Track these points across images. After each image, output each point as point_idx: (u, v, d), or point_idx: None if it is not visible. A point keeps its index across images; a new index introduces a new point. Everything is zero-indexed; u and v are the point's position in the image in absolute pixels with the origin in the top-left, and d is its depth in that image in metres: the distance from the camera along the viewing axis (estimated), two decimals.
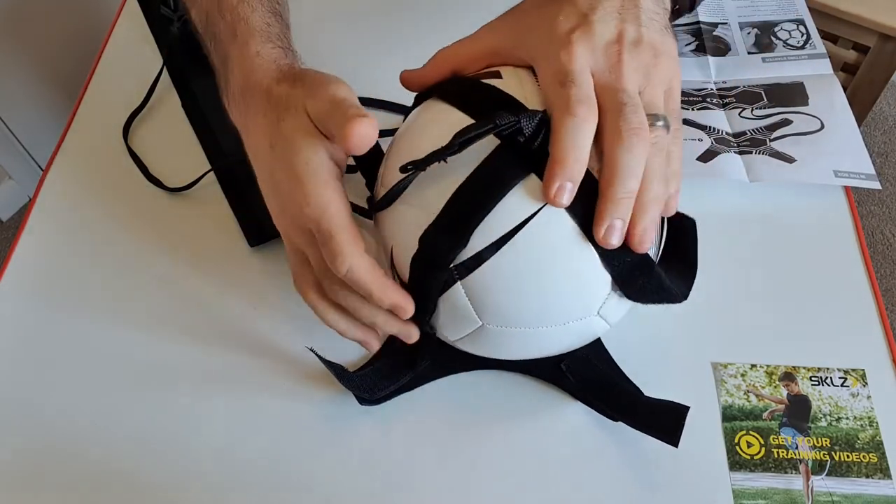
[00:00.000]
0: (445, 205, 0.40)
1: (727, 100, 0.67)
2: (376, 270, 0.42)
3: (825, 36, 1.48)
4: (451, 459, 0.50)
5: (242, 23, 0.49)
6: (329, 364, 0.49)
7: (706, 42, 0.72)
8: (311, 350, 0.49)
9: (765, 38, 0.72)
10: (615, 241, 0.38)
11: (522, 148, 0.39)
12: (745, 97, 0.67)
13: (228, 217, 0.61)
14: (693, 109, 0.66)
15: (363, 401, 0.51)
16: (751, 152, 0.62)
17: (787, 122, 0.64)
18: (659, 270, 0.41)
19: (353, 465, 0.50)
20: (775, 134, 0.63)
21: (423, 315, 0.43)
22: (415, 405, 0.52)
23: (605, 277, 0.41)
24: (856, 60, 1.48)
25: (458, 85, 0.45)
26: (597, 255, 0.40)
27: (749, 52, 0.71)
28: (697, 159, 0.61)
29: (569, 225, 0.39)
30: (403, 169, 0.40)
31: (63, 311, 0.57)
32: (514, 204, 0.39)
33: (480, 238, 0.39)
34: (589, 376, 0.51)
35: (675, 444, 0.45)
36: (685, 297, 0.43)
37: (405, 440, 0.51)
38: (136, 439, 0.51)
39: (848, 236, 0.59)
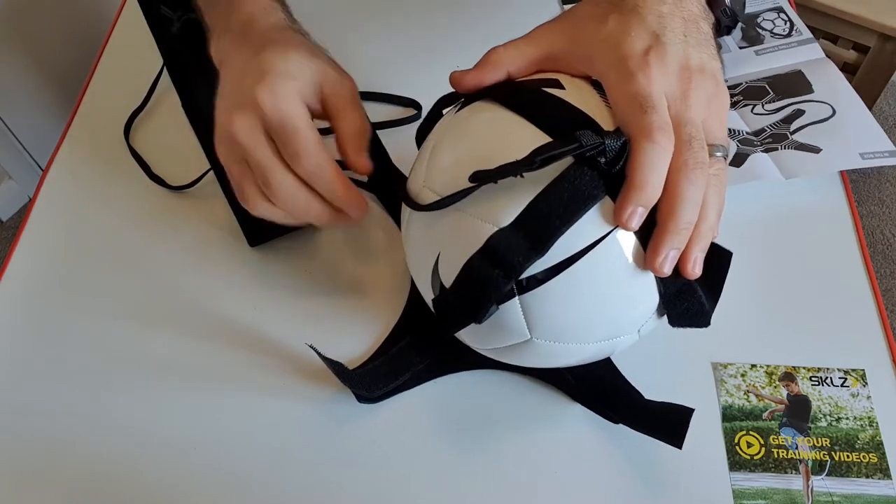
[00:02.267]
0: (521, 214, 0.39)
1: (734, 98, 0.67)
2: (335, 167, 0.45)
3: (825, 36, 1.48)
4: (449, 459, 0.50)
5: None
6: (329, 361, 0.49)
7: None
8: (312, 347, 0.49)
9: (750, 30, 0.72)
10: (667, 270, 0.39)
11: (601, 169, 0.38)
12: (751, 93, 0.67)
13: (228, 217, 0.61)
14: None
15: (362, 398, 0.51)
16: (776, 148, 0.62)
17: (800, 113, 0.64)
18: (702, 296, 0.41)
19: (350, 463, 0.50)
20: (793, 126, 0.63)
21: (466, 321, 0.42)
22: (414, 404, 0.52)
23: (654, 298, 0.42)
24: (856, 60, 1.48)
25: (520, 92, 0.43)
26: (654, 280, 0.41)
27: (740, 47, 0.71)
28: (729, 164, 0.61)
29: (634, 249, 0.40)
30: (474, 178, 0.39)
31: (63, 310, 0.57)
32: (586, 225, 0.39)
33: (551, 257, 0.39)
34: (589, 378, 0.51)
35: (679, 446, 0.45)
36: (709, 324, 0.43)
37: (403, 439, 0.51)
38: (136, 438, 0.51)
39: (848, 236, 0.59)
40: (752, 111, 0.66)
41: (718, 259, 0.45)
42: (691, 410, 0.46)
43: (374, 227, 0.61)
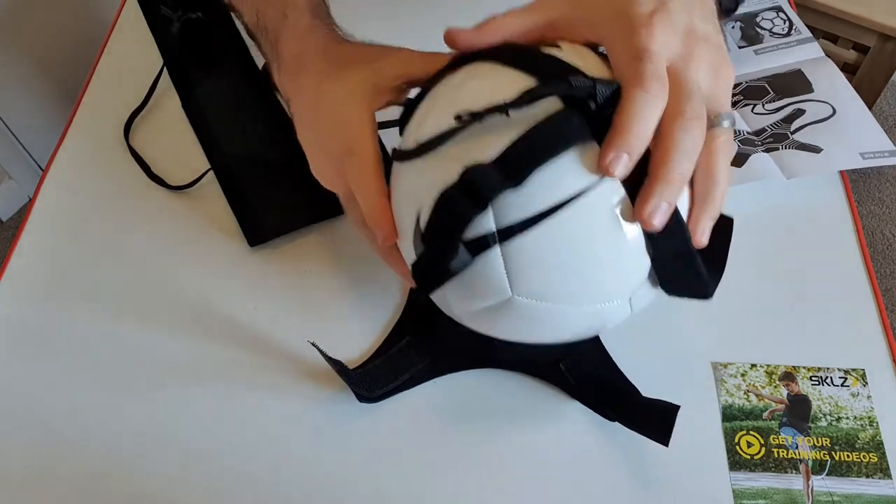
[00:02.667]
0: (502, 152, 0.37)
1: (735, 97, 0.67)
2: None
3: (825, 36, 1.48)
4: (449, 459, 0.50)
5: (292, 6, 0.52)
6: (330, 360, 0.49)
7: None
8: (314, 345, 0.49)
9: (750, 29, 0.72)
10: (657, 223, 0.37)
11: (591, 114, 0.37)
12: (751, 93, 0.67)
13: (228, 217, 0.61)
14: None
15: (362, 398, 0.51)
16: (777, 148, 0.62)
17: (801, 112, 0.64)
18: (700, 263, 0.40)
19: (349, 463, 0.50)
20: (794, 125, 0.63)
21: (441, 263, 0.39)
22: (414, 404, 0.52)
23: (646, 262, 0.40)
24: (856, 60, 1.48)
25: (516, 50, 0.42)
26: (643, 239, 0.39)
27: (740, 47, 0.71)
28: (731, 164, 0.61)
29: (624, 203, 0.38)
30: (459, 117, 0.38)
31: (63, 310, 0.57)
32: (574, 172, 0.37)
33: (534, 202, 0.38)
34: (588, 376, 0.51)
35: (666, 444, 0.45)
36: (711, 295, 0.41)
37: (403, 438, 0.51)
38: (136, 438, 0.51)
39: (848, 236, 0.59)
40: (752, 111, 0.66)
41: (719, 225, 0.43)
42: (677, 407, 0.46)
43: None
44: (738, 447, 0.49)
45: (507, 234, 0.38)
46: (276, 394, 0.53)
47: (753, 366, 0.53)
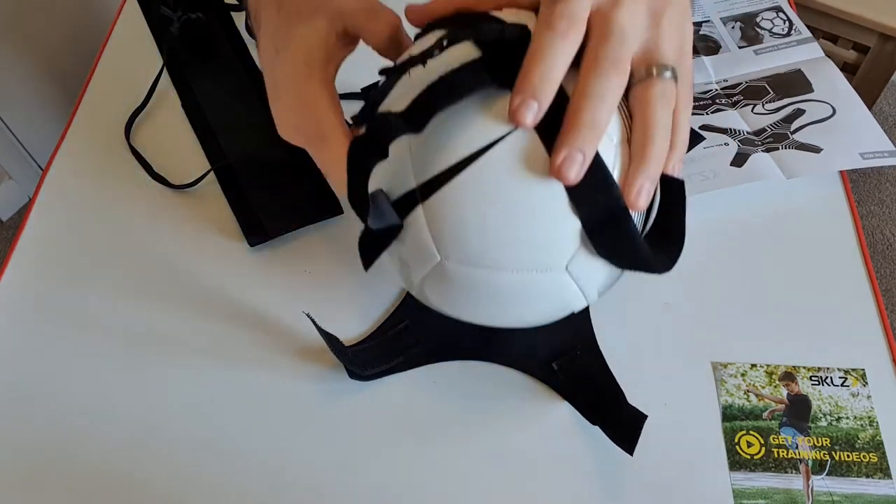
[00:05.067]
0: (409, 103, 0.37)
1: (735, 98, 0.67)
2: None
3: (825, 36, 1.48)
4: (436, 443, 0.50)
5: None
6: (325, 334, 0.49)
7: (696, 43, 0.72)
8: (308, 316, 0.49)
9: (749, 30, 0.72)
10: (572, 176, 0.35)
11: (502, 60, 0.36)
12: (751, 93, 0.67)
13: (228, 217, 0.61)
14: (707, 114, 0.66)
15: (353, 374, 0.52)
16: (777, 148, 0.62)
17: (801, 112, 0.64)
18: (634, 227, 0.37)
19: (337, 439, 0.50)
20: (794, 125, 0.64)
21: (359, 215, 0.39)
22: (404, 387, 0.52)
23: (574, 225, 0.37)
24: (856, 60, 1.49)
25: (464, 17, 0.42)
26: (566, 195, 0.36)
27: (739, 47, 0.71)
28: (731, 165, 0.61)
29: (542, 155, 0.36)
30: (383, 71, 0.38)
31: (63, 310, 0.57)
32: (487, 122, 0.36)
33: (448, 154, 0.37)
34: (578, 377, 0.51)
35: (631, 452, 0.45)
36: (668, 269, 0.38)
37: (389, 420, 0.51)
38: (136, 438, 0.51)
39: (848, 236, 0.59)
40: (752, 111, 0.66)
41: (669, 191, 0.40)
42: (644, 417, 0.46)
43: None
44: (738, 447, 0.49)
45: (427, 189, 0.38)
46: (276, 393, 0.53)
47: (753, 366, 0.53)
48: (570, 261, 0.39)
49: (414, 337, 0.52)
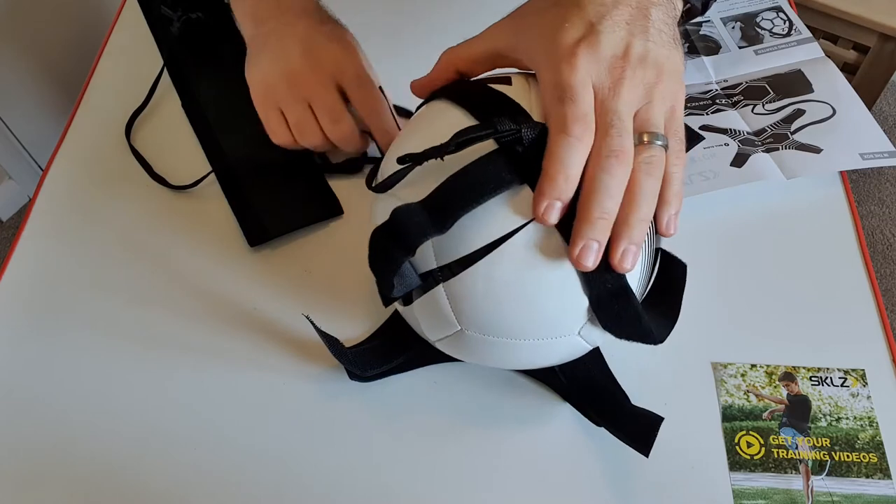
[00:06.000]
0: (430, 193, 0.39)
1: (735, 98, 0.67)
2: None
3: (825, 36, 1.48)
4: (437, 444, 0.50)
5: None
6: (323, 335, 0.49)
7: (696, 42, 0.72)
8: (307, 318, 0.49)
9: (750, 30, 0.72)
10: (590, 264, 0.38)
11: (519, 157, 0.39)
12: (751, 93, 0.67)
13: (228, 217, 0.61)
14: (707, 114, 0.66)
15: (354, 376, 0.52)
16: (777, 148, 0.62)
17: (801, 113, 0.64)
18: (636, 302, 0.40)
19: (337, 439, 0.50)
20: (794, 126, 0.63)
21: (382, 294, 0.42)
22: (405, 388, 0.52)
23: (585, 300, 0.40)
24: (856, 60, 1.48)
25: (465, 88, 0.44)
26: (577, 277, 0.39)
27: (740, 47, 0.71)
28: (731, 165, 0.61)
29: (556, 243, 0.39)
30: (401, 160, 0.40)
31: (63, 310, 0.57)
32: (505, 213, 0.39)
33: (468, 242, 0.39)
34: (580, 379, 0.51)
35: (647, 454, 0.45)
36: (661, 341, 0.42)
37: (392, 421, 0.51)
38: (136, 432, 0.51)
39: (848, 236, 0.59)
40: (752, 111, 0.66)
41: (672, 270, 0.44)
42: (661, 419, 0.46)
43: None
44: (738, 447, 0.49)
45: (447, 272, 0.41)
46: (276, 393, 0.53)
47: (753, 366, 0.53)
48: (582, 328, 0.42)
49: (414, 337, 0.52)
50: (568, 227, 0.38)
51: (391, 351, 0.52)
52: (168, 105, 0.70)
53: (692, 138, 0.61)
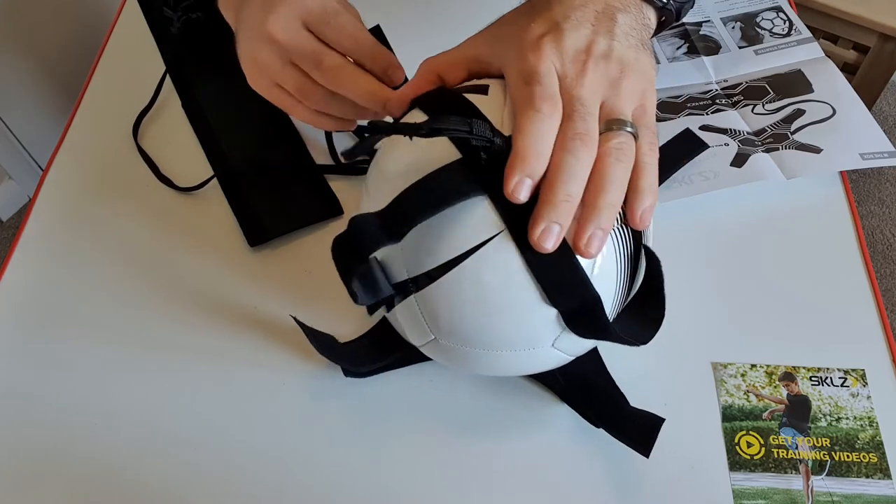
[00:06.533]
0: (391, 201, 0.39)
1: (735, 98, 0.67)
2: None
3: (825, 36, 1.48)
4: (432, 442, 0.50)
5: None
6: (312, 333, 0.49)
7: (696, 43, 0.72)
8: (294, 319, 0.49)
9: (750, 30, 0.72)
10: (549, 246, 0.37)
11: (482, 167, 0.39)
12: (751, 93, 0.67)
13: (228, 217, 0.61)
14: (707, 114, 0.66)
15: (349, 373, 0.52)
16: (777, 148, 0.62)
17: (801, 113, 0.64)
18: (603, 314, 0.40)
19: (336, 438, 0.50)
20: (794, 126, 0.63)
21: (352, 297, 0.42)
22: (401, 386, 0.52)
23: (554, 313, 0.40)
24: (856, 60, 1.48)
25: (440, 97, 0.45)
26: (541, 292, 0.39)
27: (740, 47, 0.71)
28: (731, 165, 0.61)
29: (518, 258, 0.39)
30: (359, 129, 0.41)
31: (63, 310, 0.57)
32: (471, 226, 0.39)
33: (435, 255, 0.40)
34: (578, 379, 0.51)
35: (647, 455, 0.45)
36: (645, 342, 0.42)
37: (389, 419, 0.51)
38: (136, 433, 0.51)
39: (848, 236, 0.59)
40: (752, 111, 0.66)
41: (652, 269, 0.43)
42: (662, 420, 0.46)
43: None
44: (737, 447, 0.49)
45: (418, 283, 0.41)
46: (275, 392, 0.53)
47: (753, 366, 0.53)
48: (556, 339, 0.42)
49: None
50: (528, 244, 0.38)
51: (388, 345, 0.52)
52: (168, 105, 0.70)
53: (698, 146, 0.61)
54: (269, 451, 0.50)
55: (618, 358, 0.52)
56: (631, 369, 0.52)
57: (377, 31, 0.54)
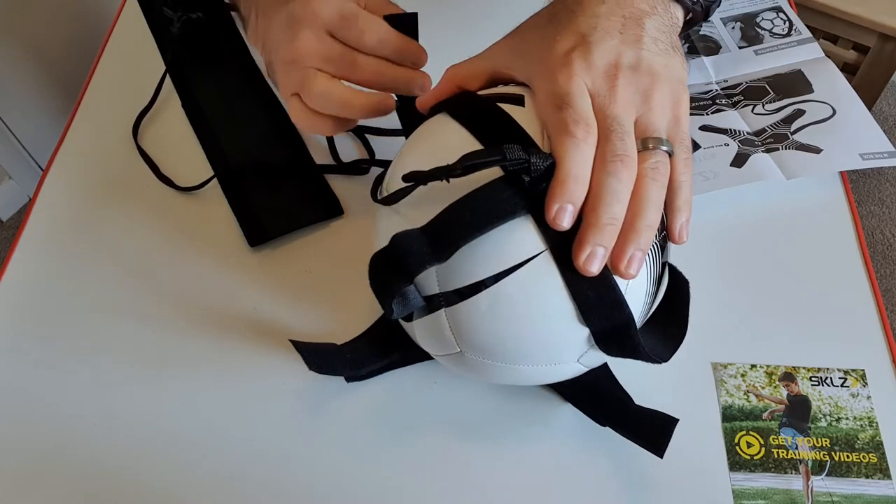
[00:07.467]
0: (432, 219, 0.39)
1: (735, 98, 0.67)
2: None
3: (825, 36, 1.48)
4: (436, 444, 0.50)
5: None
6: (312, 349, 0.49)
7: (696, 43, 0.72)
8: (292, 342, 0.49)
9: (750, 30, 0.72)
10: (594, 269, 0.37)
11: (525, 187, 0.38)
12: (751, 93, 0.67)
13: (228, 217, 0.61)
14: (707, 114, 0.66)
15: (351, 379, 0.52)
16: (777, 149, 0.62)
17: (801, 113, 0.64)
18: (636, 334, 0.40)
19: (337, 439, 0.50)
20: (794, 126, 0.63)
21: (385, 313, 0.42)
22: (404, 387, 0.52)
23: (585, 332, 0.40)
24: (856, 60, 1.49)
25: (472, 104, 0.44)
26: (578, 313, 0.39)
27: (740, 47, 0.71)
28: (731, 165, 0.61)
29: (557, 279, 0.39)
30: (406, 178, 0.40)
31: (63, 310, 0.57)
32: (511, 245, 0.39)
33: (472, 272, 0.39)
34: (583, 381, 0.51)
35: (661, 455, 0.45)
36: (666, 360, 0.42)
37: (392, 421, 0.51)
38: (136, 434, 0.51)
39: (848, 236, 0.59)
40: (752, 111, 0.66)
41: (675, 286, 0.43)
42: (676, 420, 0.46)
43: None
44: (737, 447, 0.49)
45: (449, 298, 0.41)
46: (275, 393, 0.53)
47: (753, 366, 0.53)
48: (582, 356, 0.42)
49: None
50: (568, 263, 0.38)
51: (389, 344, 0.51)
52: (171, 106, 0.70)
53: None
54: (269, 452, 0.50)
55: (618, 358, 0.52)
56: (631, 369, 0.51)
57: (412, 19, 0.53)
